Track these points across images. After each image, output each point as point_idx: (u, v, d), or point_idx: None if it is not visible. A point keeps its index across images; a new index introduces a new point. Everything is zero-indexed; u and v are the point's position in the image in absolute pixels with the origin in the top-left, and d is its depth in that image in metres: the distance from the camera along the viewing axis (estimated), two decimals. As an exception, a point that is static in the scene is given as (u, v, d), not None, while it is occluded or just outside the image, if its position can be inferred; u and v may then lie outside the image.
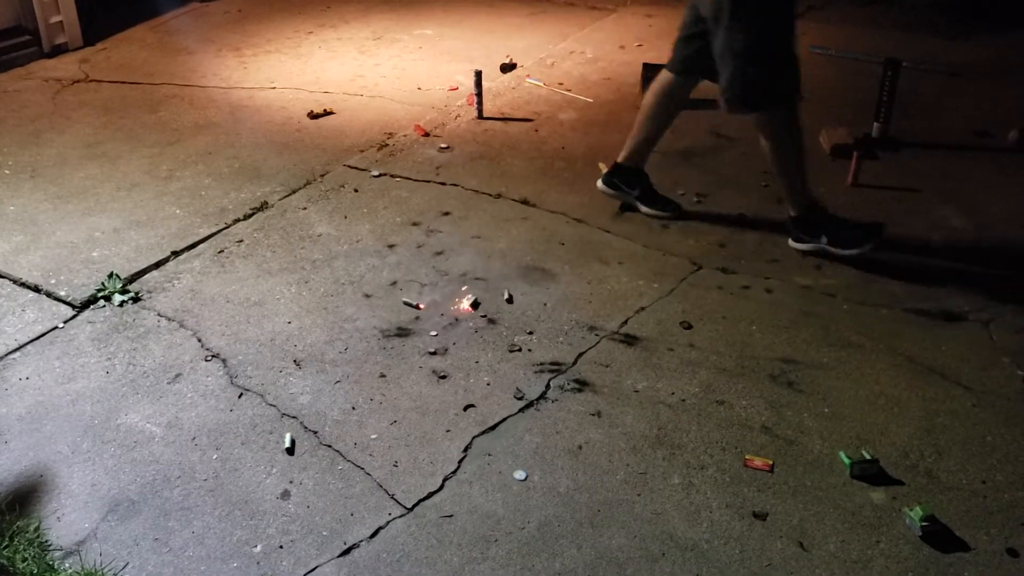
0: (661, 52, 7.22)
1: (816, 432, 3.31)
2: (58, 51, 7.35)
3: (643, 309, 4.02)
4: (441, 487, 3.12)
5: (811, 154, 5.49)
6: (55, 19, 7.29)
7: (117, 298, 4.18)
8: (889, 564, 2.80)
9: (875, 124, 5.52)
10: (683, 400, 3.48)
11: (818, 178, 5.17)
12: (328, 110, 6.20)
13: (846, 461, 3.13)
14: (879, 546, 2.86)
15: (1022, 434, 3.30)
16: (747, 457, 3.19)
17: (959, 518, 2.94)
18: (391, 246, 4.57)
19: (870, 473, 3.09)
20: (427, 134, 5.78)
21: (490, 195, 5.03)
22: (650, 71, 6.13)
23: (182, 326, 4.00)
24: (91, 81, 6.86)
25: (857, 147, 5.20)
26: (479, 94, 5.98)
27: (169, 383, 3.65)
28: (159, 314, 4.08)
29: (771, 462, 3.16)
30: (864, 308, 4.02)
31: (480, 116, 6.01)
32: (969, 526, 2.92)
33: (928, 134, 5.65)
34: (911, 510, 2.91)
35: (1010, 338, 3.80)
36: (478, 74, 5.96)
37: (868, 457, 3.14)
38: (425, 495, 3.08)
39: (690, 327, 3.90)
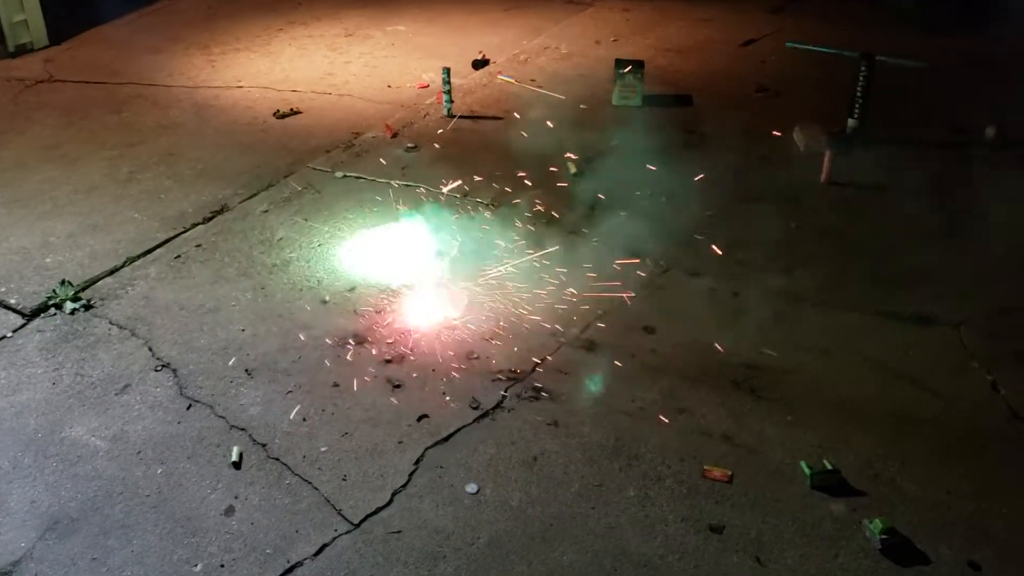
0: (637, 47, 7.13)
1: (777, 441, 3.23)
2: (22, 51, 7.20)
3: (605, 313, 3.92)
4: (390, 501, 3.02)
5: (785, 152, 5.43)
6: (19, 18, 7.15)
7: (68, 306, 4.06)
8: (848, 579, 2.72)
9: (849, 120, 5.43)
10: (642, 408, 3.39)
11: (792, 176, 5.09)
12: (295, 109, 6.07)
13: (807, 471, 3.05)
14: (837, 560, 2.78)
15: (990, 441, 3.22)
16: (705, 467, 3.10)
17: (921, 530, 2.86)
18: (352, 250, 4.46)
19: (831, 483, 3.01)
20: (396, 134, 5.66)
21: (456, 195, 4.93)
22: (621, 67, 6.02)
23: (133, 334, 3.89)
24: (55, 81, 6.72)
25: (831, 144, 5.10)
26: (448, 91, 5.86)
27: (117, 394, 3.55)
28: (111, 322, 3.97)
29: (730, 472, 3.08)
30: (833, 312, 3.93)
31: (449, 114, 5.89)
32: (931, 538, 2.83)
33: (904, 130, 5.55)
34: (871, 522, 2.83)
35: (980, 342, 3.71)
36: (446, 71, 5.84)
37: (830, 467, 3.05)
38: (373, 510, 2.99)
39: (653, 331, 3.80)
